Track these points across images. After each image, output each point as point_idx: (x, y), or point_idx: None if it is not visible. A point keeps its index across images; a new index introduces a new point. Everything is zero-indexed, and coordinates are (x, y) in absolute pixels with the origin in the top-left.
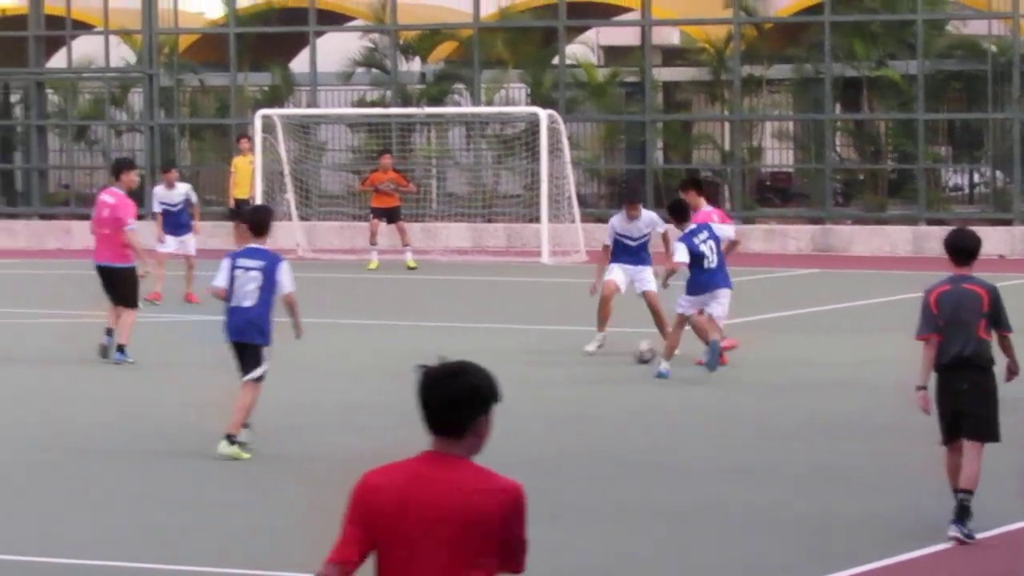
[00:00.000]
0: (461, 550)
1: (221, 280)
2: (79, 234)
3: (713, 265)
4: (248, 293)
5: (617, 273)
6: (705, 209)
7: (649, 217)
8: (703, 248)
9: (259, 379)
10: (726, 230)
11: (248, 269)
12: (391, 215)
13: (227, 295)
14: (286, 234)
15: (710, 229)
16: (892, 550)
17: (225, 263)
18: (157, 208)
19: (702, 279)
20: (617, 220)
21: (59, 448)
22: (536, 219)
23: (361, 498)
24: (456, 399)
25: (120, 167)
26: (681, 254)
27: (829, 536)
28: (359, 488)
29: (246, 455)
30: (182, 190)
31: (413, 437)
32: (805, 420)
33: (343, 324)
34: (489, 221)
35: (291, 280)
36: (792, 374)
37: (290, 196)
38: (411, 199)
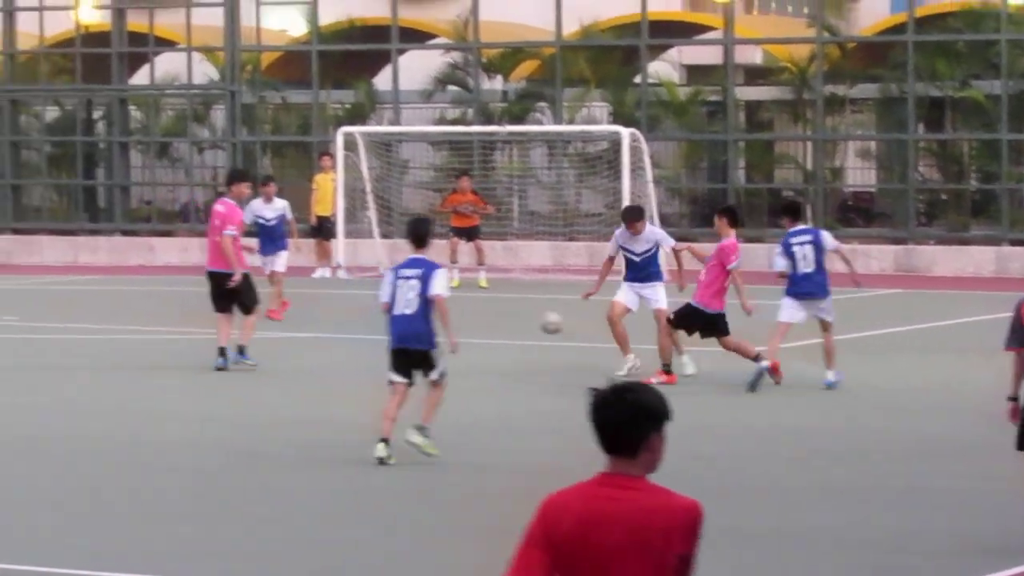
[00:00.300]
0: (643, 570)
1: (385, 295)
2: (161, 250)
3: (809, 269)
4: (408, 301)
5: (623, 293)
6: (729, 240)
7: (653, 233)
8: (796, 251)
9: (441, 378)
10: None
11: (408, 279)
12: (470, 234)
13: (389, 306)
14: (367, 251)
15: (812, 232)
16: (980, 570)
17: (388, 276)
18: (249, 221)
19: (800, 284)
20: (620, 232)
21: (216, 458)
22: None
23: (544, 520)
24: (626, 418)
25: (232, 178)
26: (779, 262)
27: (918, 556)
28: (542, 510)
29: (434, 450)
30: (279, 206)
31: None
32: (891, 440)
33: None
34: (570, 239)
35: (443, 286)
36: (876, 394)
37: (371, 213)
38: (492, 217)
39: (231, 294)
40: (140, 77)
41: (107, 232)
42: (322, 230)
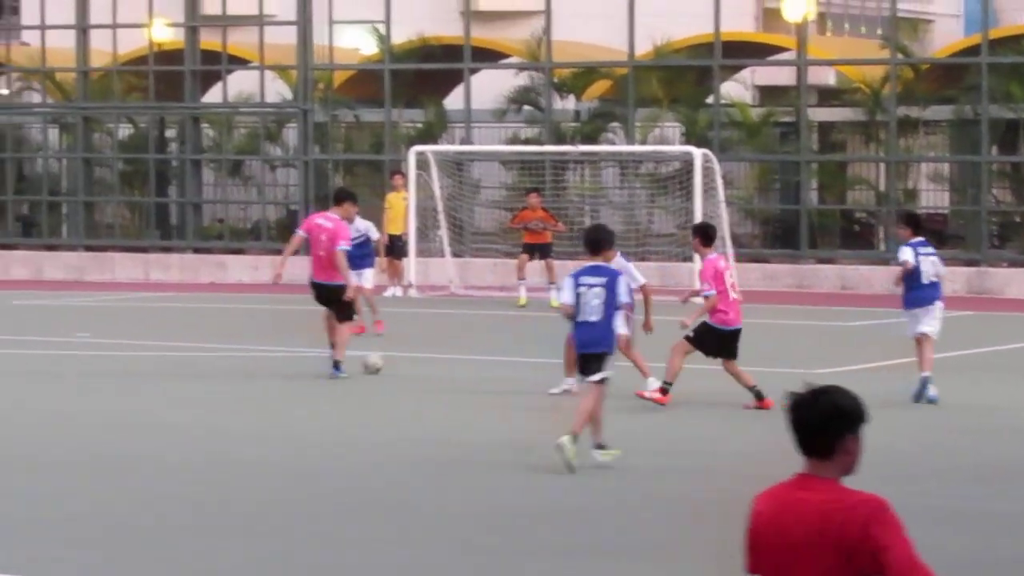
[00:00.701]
0: (829, 569)
1: (567, 297)
2: (232, 268)
3: (927, 281)
4: (593, 308)
5: None
6: (710, 257)
7: (622, 265)
8: (922, 261)
9: (603, 381)
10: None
11: (591, 286)
12: (543, 251)
13: (574, 312)
14: (438, 270)
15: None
16: None
17: (568, 282)
18: None
19: (924, 291)
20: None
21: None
22: (689, 258)
23: (749, 525)
24: (820, 419)
25: (345, 196)
26: (906, 255)
27: None
28: (749, 516)
29: (574, 460)
30: (361, 226)
31: None
32: (967, 461)
33: (509, 361)
34: (642, 259)
35: (627, 291)
36: (954, 416)
37: (443, 232)
38: (564, 236)
39: (332, 305)
40: (213, 95)
41: (179, 249)
42: (393, 249)
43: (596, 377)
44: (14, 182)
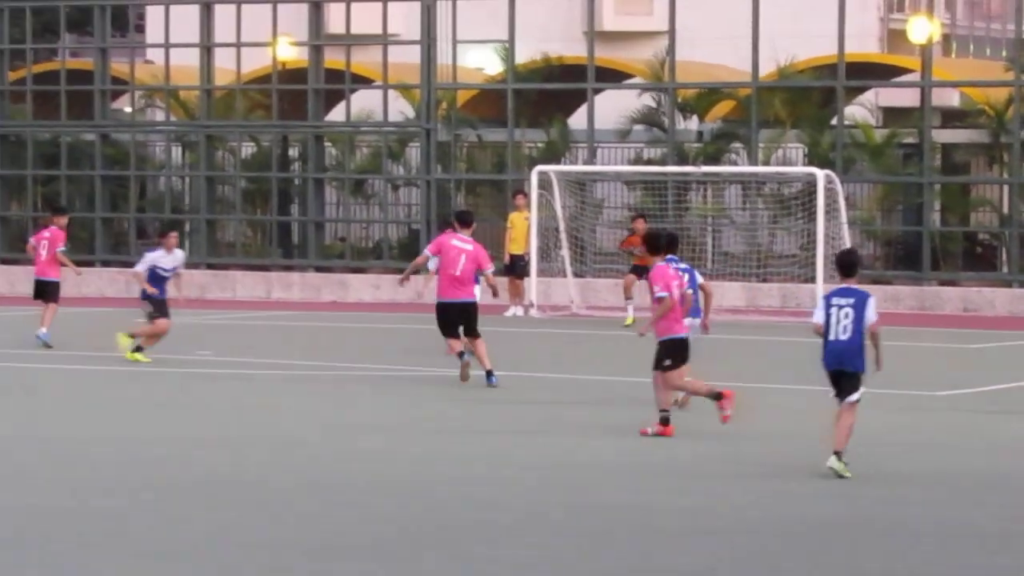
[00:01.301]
0: None
1: (818, 317)
2: (354, 287)
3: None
4: (844, 327)
5: None
6: (660, 264)
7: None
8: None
9: (857, 401)
10: None
11: (841, 307)
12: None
13: (824, 330)
14: (560, 290)
15: None
16: None
17: (821, 302)
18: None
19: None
20: None
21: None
22: (811, 279)
23: None
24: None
25: (466, 219)
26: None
27: None
28: None
29: (848, 473)
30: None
31: None
32: None
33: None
34: (764, 280)
35: (875, 312)
36: None
37: (565, 252)
38: (687, 258)
39: (465, 322)
40: (336, 114)
41: (300, 268)
42: (515, 268)
43: (854, 398)
44: (136, 200)
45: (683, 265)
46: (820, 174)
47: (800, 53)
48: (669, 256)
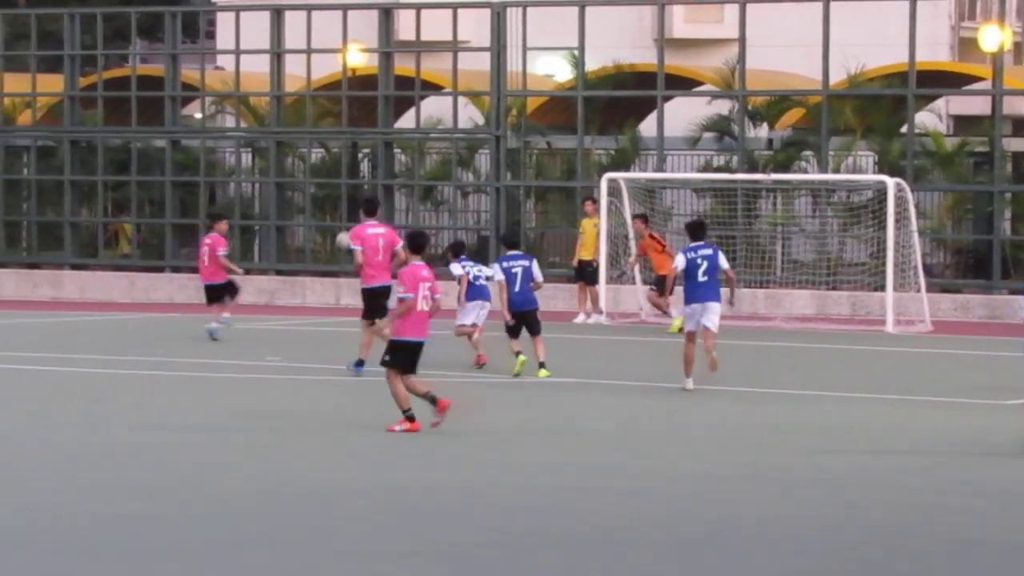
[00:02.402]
0: None
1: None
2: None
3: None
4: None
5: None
6: (415, 263)
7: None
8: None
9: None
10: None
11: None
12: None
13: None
14: (629, 298)
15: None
16: None
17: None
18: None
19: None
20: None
21: None
22: (881, 288)
23: None
24: None
25: (373, 207)
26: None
27: None
28: None
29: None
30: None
31: None
32: None
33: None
34: (833, 289)
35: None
36: None
37: (633, 260)
38: (755, 265)
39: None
40: (405, 121)
41: None
42: (584, 274)
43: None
44: (206, 206)
45: (707, 251)
46: (890, 182)
47: (871, 61)
48: (694, 243)
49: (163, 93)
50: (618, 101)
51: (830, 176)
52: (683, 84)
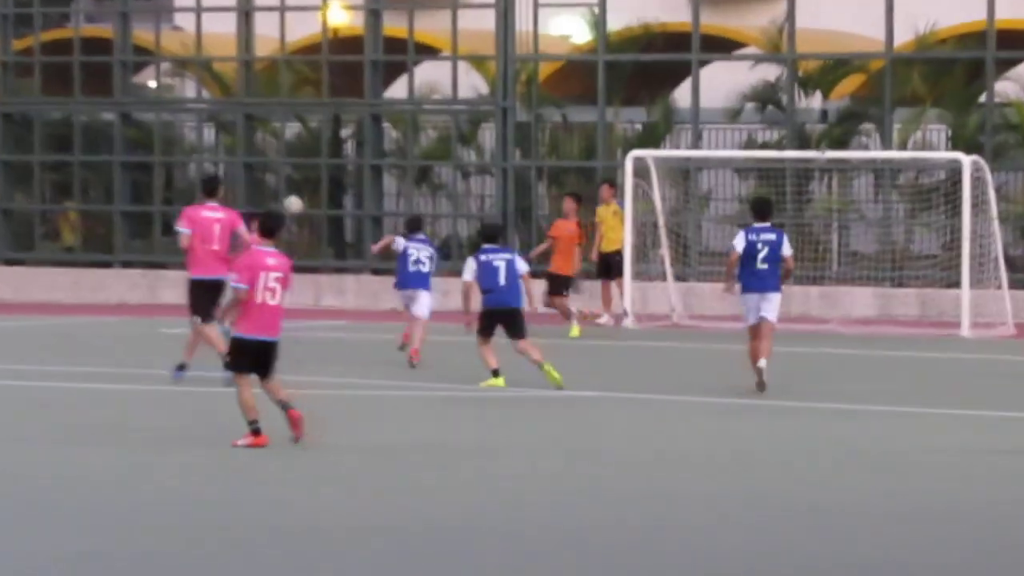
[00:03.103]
0: None
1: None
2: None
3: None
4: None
5: None
6: (260, 249)
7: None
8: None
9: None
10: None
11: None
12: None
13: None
14: (658, 297)
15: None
16: None
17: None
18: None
19: None
20: None
21: None
22: (955, 284)
23: None
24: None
25: (213, 186)
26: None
27: None
28: None
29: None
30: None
31: None
32: None
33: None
34: (899, 286)
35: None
36: None
37: (664, 252)
38: (808, 259)
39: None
40: (396, 90)
41: (355, 270)
42: (609, 269)
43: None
44: (162, 190)
45: (771, 236)
46: (966, 160)
47: (943, 19)
48: (758, 224)
49: (111, 58)
50: (646, 67)
51: (895, 154)
52: (722, 47)
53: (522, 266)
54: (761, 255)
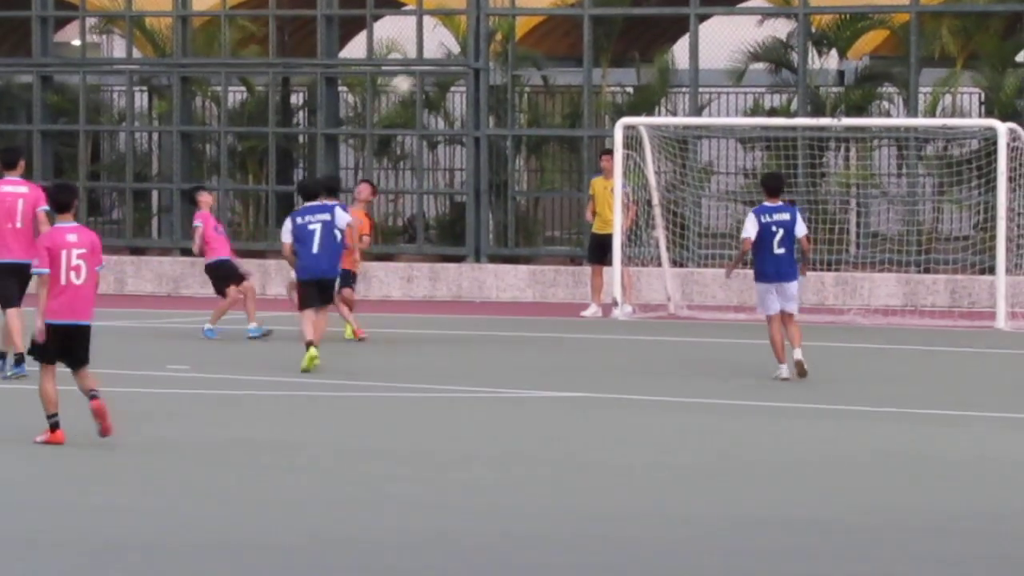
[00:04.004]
0: None
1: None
2: (380, 280)
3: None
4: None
5: None
6: (60, 226)
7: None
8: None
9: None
10: None
11: None
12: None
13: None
14: (651, 284)
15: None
16: None
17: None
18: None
19: None
20: None
21: None
22: (990, 269)
23: None
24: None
25: (10, 157)
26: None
27: None
28: None
29: None
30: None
31: None
32: None
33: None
34: (926, 271)
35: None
36: None
37: (659, 233)
38: (823, 240)
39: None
40: (354, 49)
41: None
42: (603, 253)
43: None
44: (88, 163)
45: (784, 215)
46: (1002, 128)
47: None
48: (770, 203)
49: (30, 13)
50: (638, 22)
51: (921, 121)
52: None
53: (342, 220)
54: (777, 238)
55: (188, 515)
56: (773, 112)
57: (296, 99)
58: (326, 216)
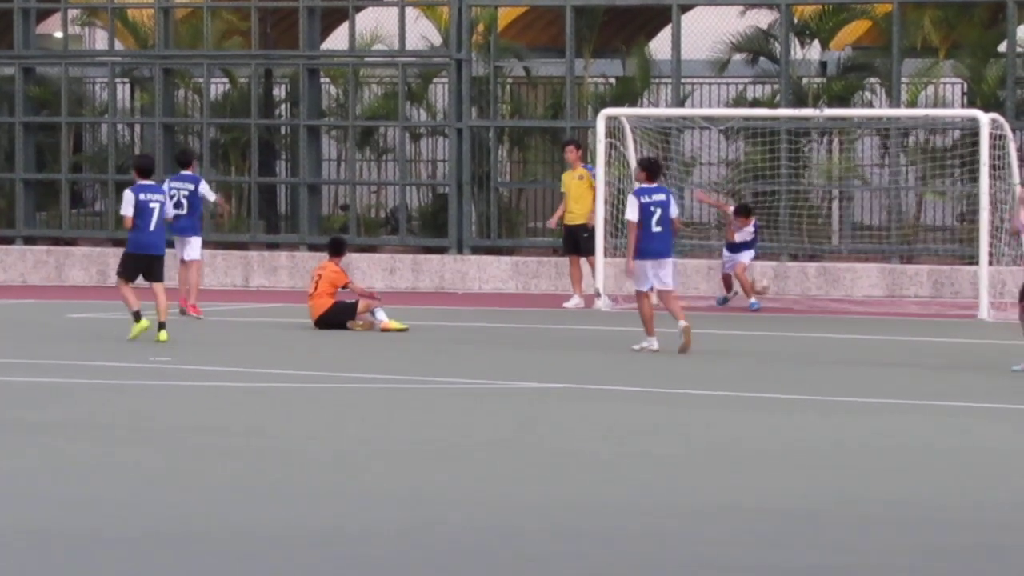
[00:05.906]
0: None
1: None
2: (363, 271)
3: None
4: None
5: None
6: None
7: None
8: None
9: None
10: None
11: None
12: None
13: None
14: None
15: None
16: None
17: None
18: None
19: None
20: None
21: None
22: (973, 259)
23: None
24: None
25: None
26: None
27: None
28: None
29: None
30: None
31: None
32: None
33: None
34: (909, 262)
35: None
36: None
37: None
38: (804, 230)
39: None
40: (336, 40)
41: (289, 246)
42: (577, 244)
43: None
44: (70, 155)
45: (661, 196)
46: (984, 118)
47: None
48: (648, 185)
49: (11, 4)
50: (621, 13)
51: (904, 111)
52: None
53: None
54: (655, 217)
55: (171, 505)
56: (756, 103)
57: (279, 91)
58: (160, 196)
